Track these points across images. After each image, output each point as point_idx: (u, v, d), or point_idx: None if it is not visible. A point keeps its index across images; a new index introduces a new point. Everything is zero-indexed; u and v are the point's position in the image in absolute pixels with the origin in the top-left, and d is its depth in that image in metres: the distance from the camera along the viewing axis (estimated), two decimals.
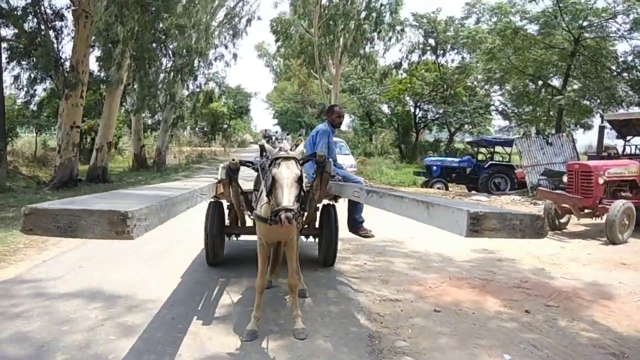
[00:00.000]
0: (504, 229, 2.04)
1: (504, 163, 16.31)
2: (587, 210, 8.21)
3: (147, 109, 18.70)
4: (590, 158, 10.89)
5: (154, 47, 16.46)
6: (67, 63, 14.24)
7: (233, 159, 4.04)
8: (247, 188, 4.47)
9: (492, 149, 17.11)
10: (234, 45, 22.45)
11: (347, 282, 5.30)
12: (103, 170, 16.60)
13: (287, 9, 30.11)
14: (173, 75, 19.01)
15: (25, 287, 4.80)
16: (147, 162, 22.50)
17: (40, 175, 17.47)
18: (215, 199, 5.65)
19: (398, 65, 31.06)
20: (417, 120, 33.15)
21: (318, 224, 5.72)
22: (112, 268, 5.54)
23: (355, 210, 5.13)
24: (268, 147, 3.38)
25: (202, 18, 17.73)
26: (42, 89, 15.27)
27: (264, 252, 3.84)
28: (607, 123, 9.81)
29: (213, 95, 23.49)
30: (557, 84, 18.30)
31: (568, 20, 14.63)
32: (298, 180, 3.13)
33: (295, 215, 3.04)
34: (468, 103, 28.17)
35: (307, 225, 5.43)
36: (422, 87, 30.00)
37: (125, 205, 2.02)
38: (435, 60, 29.86)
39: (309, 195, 3.91)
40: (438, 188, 16.26)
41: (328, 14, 27.09)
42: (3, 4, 13.62)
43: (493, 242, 7.56)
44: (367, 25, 28.36)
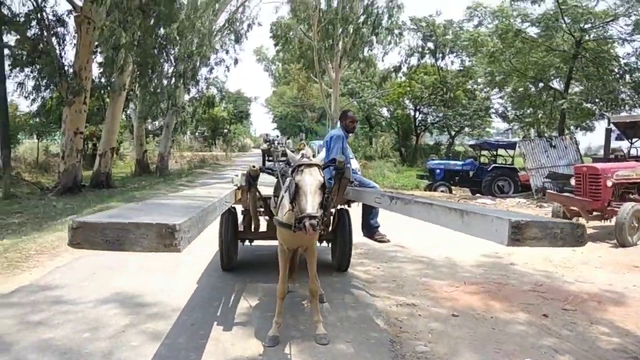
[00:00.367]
0: (545, 238, 2.04)
1: (507, 166, 16.33)
2: (595, 213, 8.21)
3: (154, 114, 18.70)
4: (595, 160, 10.90)
5: (156, 52, 16.47)
6: (69, 69, 14.25)
7: (253, 166, 4.04)
8: (265, 194, 4.47)
9: (494, 152, 17.13)
10: (235, 50, 22.54)
11: (362, 287, 5.30)
12: (107, 176, 16.61)
13: (287, 14, 30.25)
14: (175, 81, 19.04)
15: (42, 294, 4.79)
16: (149, 167, 22.49)
17: (43, 182, 17.46)
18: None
19: (397, 69, 31.15)
20: (417, 124, 33.21)
21: (332, 229, 5.72)
22: (127, 274, 5.53)
23: (371, 215, 5.13)
24: (290, 154, 3.40)
25: (205, 22, 17.75)
26: (48, 96, 15.18)
27: (285, 257, 3.83)
28: (612, 125, 9.82)
29: (214, 100, 23.48)
30: (557, 86, 18.37)
31: (569, 23, 14.68)
32: (321, 187, 3.15)
33: (319, 222, 3.05)
34: (468, 106, 28.23)
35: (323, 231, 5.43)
36: (421, 90, 30.07)
37: (169, 218, 2.01)
38: (435, 64, 29.95)
39: (329, 201, 3.92)
40: (442, 191, 16.27)
41: (327, 19, 27.17)
42: (5, 11, 13.63)
43: (502, 247, 7.58)
44: (365, 29, 28.47)
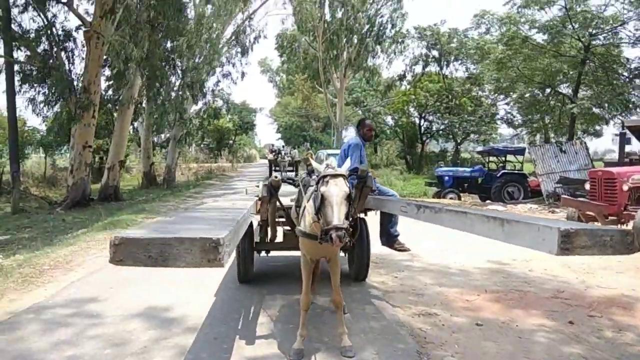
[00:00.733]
0: (595, 246, 1.98)
1: (517, 172, 16.22)
2: (611, 218, 8.11)
3: (161, 127, 18.77)
4: (608, 165, 10.80)
5: (164, 65, 16.57)
6: (78, 84, 14.34)
7: (276, 176, 4.01)
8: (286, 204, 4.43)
9: (503, 158, 17.05)
10: (242, 64, 22.62)
11: (381, 296, 5.23)
12: (115, 189, 16.65)
13: (291, 25, 30.46)
14: (182, 92, 19.12)
15: (60, 310, 4.74)
16: (156, 179, 22.53)
17: (51, 196, 17.51)
18: None
19: (402, 77, 31.26)
20: (422, 131, 33.18)
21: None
22: (144, 288, 5.48)
23: (391, 224, 5.07)
24: (315, 164, 3.37)
25: (212, 35, 17.87)
26: (58, 111, 15.27)
27: (309, 268, 3.78)
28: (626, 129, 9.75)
29: (221, 112, 23.55)
30: (565, 92, 18.29)
31: (578, 29, 14.65)
32: (347, 198, 3.11)
33: (346, 234, 3.01)
34: (473, 113, 28.21)
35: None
36: (426, 98, 30.09)
37: (209, 231, 1.97)
38: (439, 72, 29.99)
39: (352, 211, 3.88)
40: (451, 198, 16.17)
41: (332, 29, 27.34)
42: (15, 27, 13.76)
43: (510, 252, 7.50)
44: (370, 39, 28.61)
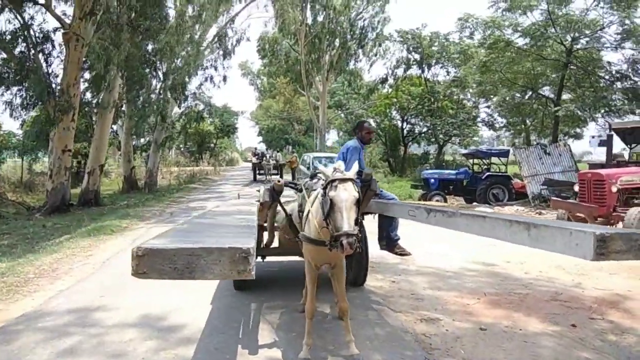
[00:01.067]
0: (630, 250, 1.92)
1: (501, 174, 16.35)
2: (601, 219, 8.20)
3: (141, 130, 18.43)
4: (593, 167, 10.94)
5: (145, 67, 16.27)
6: (57, 87, 13.96)
7: (279, 180, 3.89)
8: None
9: (488, 160, 17.18)
10: (224, 67, 22.37)
11: (381, 301, 5.15)
12: (95, 194, 16.24)
13: (271, 28, 30.34)
14: (163, 95, 18.80)
15: (50, 320, 4.54)
16: (137, 184, 22.08)
17: (28, 201, 16.98)
18: None
19: (384, 81, 31.34)
20: (404, 134, 33.31)
21: None
22: (135, 296, 5.28)
23: (391, 228, 4.99)
24: (322, 168, 3.27)
25: (194, 36, 17.63)
26: (36, 114, 14.84)
27: (313, 275, 3.67)
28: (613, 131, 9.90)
29: (203, 115, 23.26)
30: (548, 95, 18.55)
31: (560, 32, 14.88)
32: (356, 203, 3.03)
33: (356, 240, 2.92)
34: (455, 115, 28.43)
35: None
36: (408, 101, 30.22)
37: (234, 240, 1.86)
38: (421, 75, 30.16)
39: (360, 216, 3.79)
40: (437, 200, 16.20)
41: (314, 33, 27.31)
42: None
43: (503, 255, 7.52)
44: (352, 43, 28.69)
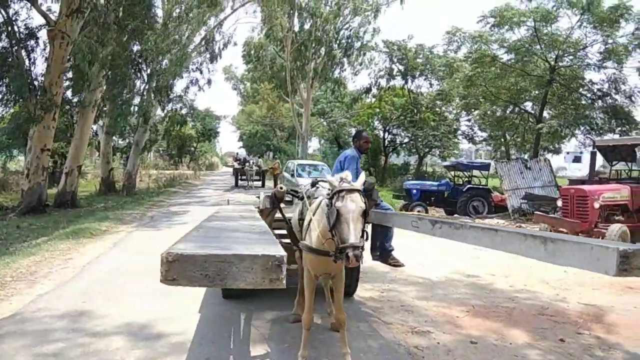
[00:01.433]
0: None
1: (482, 187, 16.54)
2: (582, 234, 8.34)
3: (120, 130, 18.10)
4: (573, 182, 11.16)
5: (130, 68, 16.03)
6: (39, 84, 13.64)
7: (281, 187, 3.85)
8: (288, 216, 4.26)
9: (469, 173, 17.36)
10: (209, 70, 22.18)
11: (372, 313, 5.13)
12: (72, 195, 15.88)
13: (256, 34, 30.27)
14: (147, 97, 18.53)
15: (32, 326, 4.39)
16: (115, 186, 21.65)
17: (1, 200, 16.50)
18: None
19: (368, 90, 31.53)
20: (385, 144, 33.54)
21: None
22: (119, 303, 5.15)
23: (386, 238, 4.98)
24: (329, 177, 3.24)
25: (182, 38, 17.45)
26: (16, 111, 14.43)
27: (312, 285, 3.63)
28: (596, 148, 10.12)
29: (186, 119, 22.97)
30: (530, 110, 18.92)
31: (545, 50, 15.22)
32: (363, 215, 3.01)
33: (362, 252, 2.91)
34: (437, 127, 28.75)
35: None
36: (391, 111, 30.46)
37: (262, 248, 1.82)
38: (404, 86, 30.44)
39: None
40: (418, 211, 16.28)
41: (300, 40, 27.36)
42: None
43: (487, 267, 7.63)
44: (337, 51, 28.81)
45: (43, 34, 13.93)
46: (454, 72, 18.56)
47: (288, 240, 4.38)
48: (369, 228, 5.23)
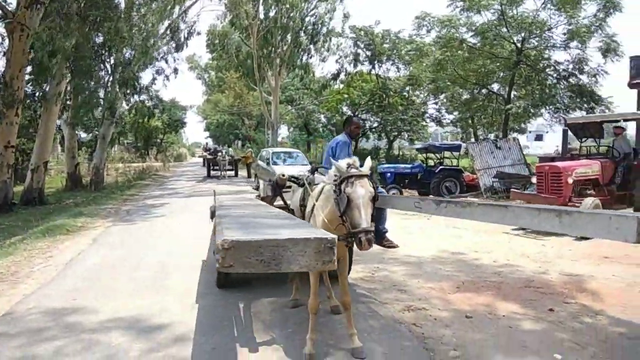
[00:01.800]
0: None
1: (453, 167, 16.82)
2: None
3: (83, 123, 17.55)
4: (543, 160, 11.52)
5: (93, 59, 15.54)
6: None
7: (283, 174, 3.85)
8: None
9: (441, 154, 17.63)
10: (175, 60, 21.67)
11: (368, 294, 5.21)
12: (39, 192, 15.40)
13: (221, 22, 29.75)
14: (111, 89, 18.01)
15: (27, 324, 4.29)
16: (82, 181, 21.04)
17: None
18: None
19: (335, 76, 31.50)
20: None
21: None
22: (111, 299, 5.06)
23: (380, 221, 5.04)
24: (337, 163, 3.27)
25: (147, 26, 16.95)
26: None
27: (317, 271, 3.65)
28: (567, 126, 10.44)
29: (154, 111, 22.37)
30: (497, 91, 19.34)
31: (512, 32, 15.55)
32: (373, 199, 3.08)
33: (373, 235, 2.99)
34: (405, 111, 29.03)
35: None
36: (359, 97, 30.57)
37: (313, 232, 1.83)
38: (371, 71, 30.55)
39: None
40: (393, 194, 16.49)
41: (267, 27, 27.05)
42: None
43: (470, 244, 7.85)
44: (304, 38, 28.62)
45: (1, 27, 13.39)
46: (423, 56, 18.74)
47: None
48: None
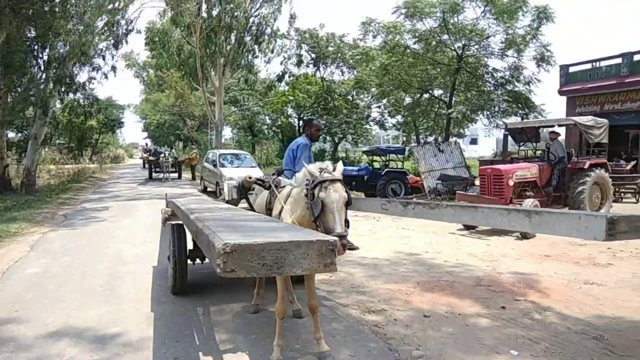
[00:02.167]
0: (631, 231, 2.17)
1: (399, 170, 17.23)
2: None
3: (12, 123, 16.43)
4: (483, 163, 12.03)
5: (26, 54, 14.59)
6: None
7: (250, 177, 3.77)
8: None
9: (386, 157, 18.00)
10: (113, 57, 20.68)
11: (328, 296, 5.22)
12: None
13: (160, 19, 28.83)
14: (44, 86, 16.96)
15: None
16: (10, 183, 19.68)
17: None
18: (177, 222, 5.23)
19: (280, 78, 31.42)
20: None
21: None
22: (60, 310, 4.75)
23: None
24: (309, 167, 3.25)
25: (84, 20, 16.08)
26: None
27: (284, 275, 3.61)
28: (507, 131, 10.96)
29: (91, 110, 21.16)
30: (438, 96, 20.03)
31: (453, 39, 16.16)
32: (346, 204, 3.08)
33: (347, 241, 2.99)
34: (349, 114, 29.45)
35: None
36: (304, 99, 30.68)
37: (313, 234, 1.79)
38: (315, 73, 30.74)
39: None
40: None
41: (210, 26, 26.53)
42: None
43: (419, 245, 8.08)
44: (248, 38, 28.32)
45: None
46: (370, 60, 19.09)
47: None
48: None
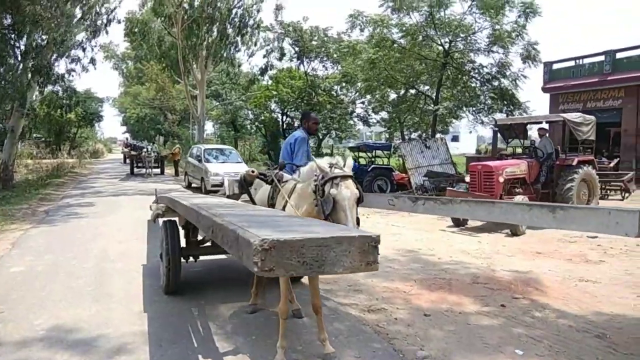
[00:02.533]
0: None
1: (385, 166, 17.20)
2: None
3: None
4: (470, 160, 12.05)
5: (2, 44, 14.08)
6: None
7: (253, 170, 3.63)
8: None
9: (372, 153, 17.96)
10: (92, 49, 20.08)
11: (326, 295, 5.10)
12: None
13: (139, 9, 28.23)
14: (21, 77, 16.41)
15: None
16: None
17: None
18: (169, 219, 5.06)
19: (263, 72, 31.09)
20: (284, 127, 33.51)
21: None
22: (48, 311, 4.55)
23: None
24: (319, 163, 3.13)
25: (63, 10, 15.56)
26: None
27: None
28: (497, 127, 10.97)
29: (70, 103, 20.49)
30: (425, 92, 20.05)
31: (439, 34, 16.14)
32: (358, 201, 2.99)
33: None
34: (333, 110, 29.33)
35: None
36: (288, 94, 30.43)
37: (351, 230, 1.67)
38: (299, 67, 30.50)
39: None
40: None
41: (192, 17, 26.08)
42: None
43: (412, 242, 8.03)
44: (231, 30, 27.93)
45: None
46: (356, 54, 18.97)
47: None
48: None
